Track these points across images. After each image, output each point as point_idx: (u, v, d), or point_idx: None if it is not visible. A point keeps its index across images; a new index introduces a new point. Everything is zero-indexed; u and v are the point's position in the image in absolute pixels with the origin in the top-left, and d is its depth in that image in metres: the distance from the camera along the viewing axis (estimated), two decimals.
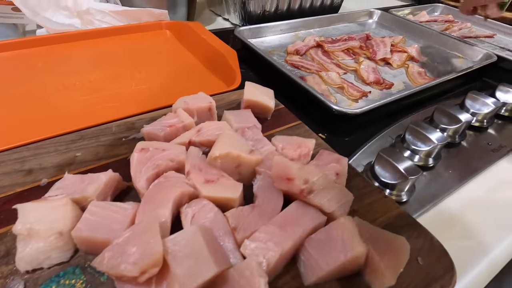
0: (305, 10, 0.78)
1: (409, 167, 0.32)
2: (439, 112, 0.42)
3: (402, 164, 0.32)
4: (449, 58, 0.69)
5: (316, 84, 0.52)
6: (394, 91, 0.54)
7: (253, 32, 0.67)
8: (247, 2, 0.66)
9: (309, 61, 0.60)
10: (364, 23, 0.84)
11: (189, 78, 0.52)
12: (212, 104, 0.36)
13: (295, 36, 0.71)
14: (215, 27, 0.75)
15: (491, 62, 0.62)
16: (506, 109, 0.49)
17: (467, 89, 0.57)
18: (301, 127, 0.40)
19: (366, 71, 0.56)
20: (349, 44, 0.66)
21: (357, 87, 0.52)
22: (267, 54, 0.60)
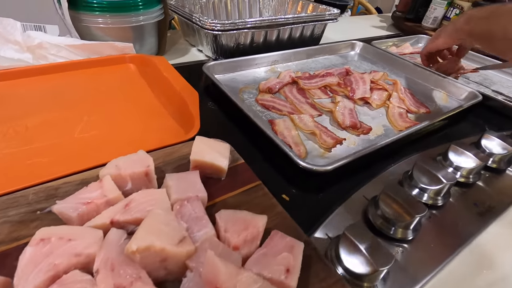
0: (283, 42, 0.74)
1: (381, 253, 0.26)
2: (419, 170, 0.37)
3: (373, 252, 0.27)
4: (432, 95, 0.65)
5: (286, 129, 0.47)
6: (372, 136, 0.49)
7: (225, 67, 0.62)
8: (218, 36, 0.62)
9: (282, 100, 0.55)
10: (346, 55, 0.81)
11: (145, 122, 0.46)
12: (150, 168, 0.30)
13: (271, 71, 0.67)
14: (189, 59, 0.71)
15: (476, 102, 0.59)
16: (493, 161, 0.44)
17: (451, 133, 0.53)
18: (260, 190, 0.34)
19: (342, 113, 0.52)
20: (326, 81, 0.62)
21: (331, 133, 0.47)
22: (238, 92, 0.56)
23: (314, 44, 0.82)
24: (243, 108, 0.47)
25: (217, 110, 0.53)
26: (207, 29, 0.60)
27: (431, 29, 1.01)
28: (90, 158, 0.34)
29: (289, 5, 0.92)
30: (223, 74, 0.62)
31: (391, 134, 0.50)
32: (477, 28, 0.53)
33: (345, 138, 0.47)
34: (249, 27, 0.63)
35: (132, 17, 0.60)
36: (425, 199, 0.37)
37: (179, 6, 0.69)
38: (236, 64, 0.64)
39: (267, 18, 0.65)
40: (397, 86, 0.61)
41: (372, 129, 0.50)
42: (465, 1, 0.92)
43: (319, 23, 0.75)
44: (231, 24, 0.60)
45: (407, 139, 0.47)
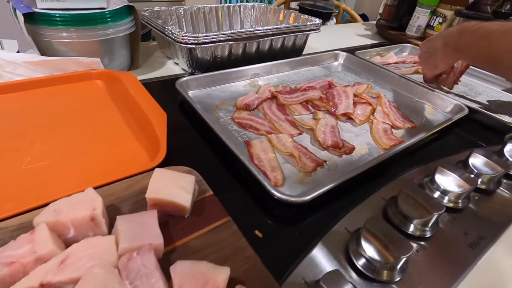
0: (264, 54, 0.71)
1: None
2: (404, 199, 0.34)
3: None
4: (418, 107, 0.63)
5: (262, 151, 0.44)
6: (355, 156, 0.46)
7: (200, 82, 0.59)
8: (192, 49, 0.58)
9: (260, 118, 0.52)
10: (329, 66, 0.78)
11: (107, 148, 0.42)
12: (96, 212, 0.26)
13: (250, 85, 0.64)
14: (164, 73, 0.67)
15: (463, 115, 0.56)
16: (482, 181, 0.42)
17: (437, 150, 0.50)
18: (228, 228, 0.30)
19: (323, 132, 0.48)
20: (308, 95, 0.59)
21: (311, 154, 0.44)
22: (213, 109, 0.52)
23: (297, 54, 0.80)
24: (216, 129, 0.43)
25: (190, 130, 0.49)
26: (180, 43, 0.57)
27: (415, 38, 1.00)
28: (35, 195, 0.30)
29: (271, 14, 0.90)
30: (199, 90, 0.59)
31: (376, 153, 0.47)
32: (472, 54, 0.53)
33: (326, 160, 0.43)
34: (225, 40, 0.60)
35: (99, 31, 0.56)
36: (411, 230, 0.34)
37: (153, 17, 0.65)
38: (212, 78, 0.60)
39: (245, 30, 0.61)
40: (381, 100, 0.58)
41: (355, 149, 0.47)
42: (448, 10, 0.91)
43: (300, 34, 0.73)
44: (205, 37, 0.57)
45: (391, 159, 0.44)
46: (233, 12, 0.87)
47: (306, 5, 1.57)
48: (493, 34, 0.48)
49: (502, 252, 0.34)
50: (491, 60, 0.50)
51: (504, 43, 0.47)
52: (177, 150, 0.43)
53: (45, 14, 0.51)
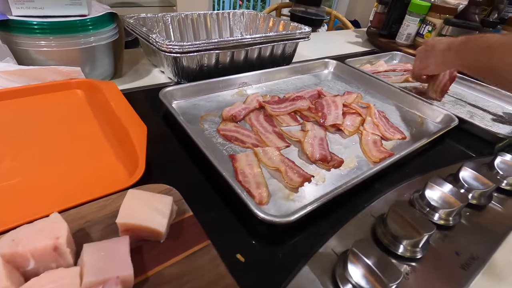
0: (252, 62, 0.70)
1: None
2: (393, 219, 0.33)
3: None
4: (408, 117, 0.62)
5: (248, 165, 0.42)
6: (344, 170, 0.45)
7: (186, 92, 0.57)
8: (178, 58, 0.57)
9: (246, 130, 0.50)
10: (319, 74, 0.77)
11: (83, 164, 0.40)
12: (59, 242, 0.24)
13: (238, 94, 0.62)
14: (149, 82, 0.65)
15: (453, 126, 0.56)
16: (473, 196, 0.41)
17: (428, 162, 0.49)
18: (207, 253, 0.28)
19: (311, 144, 0.47)
20: (296, 106, 0.57)
21: (298, 168, 0.42)
22: (198, 120, 0.51)
23: (287, 62, 0.78)
24: (199, 143, 0.41)
25: (173, 142, 0.47)
26: (165, 52, 0.55)
27: (405, 46, 1.00)
28: (3, 219, 0.28)
29: (260, 21, 0.88)
30: (185, 100, 0.57)
31: (365, 166, 0.46)
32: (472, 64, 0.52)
33: (313, 175, 0.42)
34: (212, 49, 0.58)
35: (80, 39, 0.54)
36: (401, 251, 0.32)
37: (138, 24, 0.63)
38: (199, 88, 0.58)
39: (232, 39, 0.60)
40: (371, 111, 0.57)
41: (344, 162, 0.46)
42: (436, 18, 0.91)
43: (290, 42, 0.72)
44: (191, 46, 0.55)
45: (381, 173, 0.43)
46: (222, 19, 0.86)
47: (298, 12, 1.57)
48: (493, 45, 0.47)
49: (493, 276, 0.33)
50: (489, 71, 0.49)
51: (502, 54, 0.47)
52: (158, 164, 0.41)
53: (21, 21, 0.49)
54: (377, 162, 0.46)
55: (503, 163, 0.45)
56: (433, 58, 0.61)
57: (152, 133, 0.45)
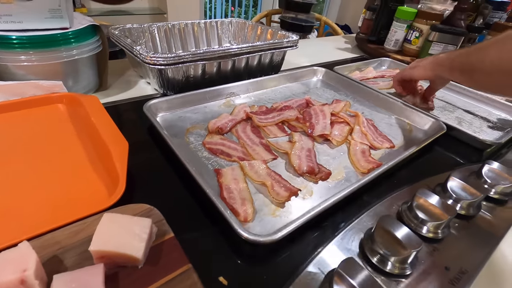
0: (240, 72, 0.69)
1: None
2: (380, 235, 0.32)
3: None
4: (396, 124, 0.62)
5: (233, 180, 0.41)
6: (331, 183, 0.44)
7: (172, 104, 0.56)
8: (163, 70, 0.56)
9: (232, 142, 0.49)
10: (308, 83, 0.77)
11: (60, 183, 0.38)
12: (27, 274, 0.22)
13: (226, 105, 0.61)
14: (136, 94, 0.64)
15: (441, 134, 0.56)
16: (461, 207, 0.40)
17: (416, 171, 0.49)
18: (188, 278, 0.27)
19: (299, 156, 0.46)
20: (284, 116, 0.57)
21: (285, 182, 0.42)
22: (184, 134, 0.50)
23: (275, 71, 0.78)
24: (183, 158, 0.40)
25: (158, 157, 0.46)
26: (149, 64, 0.54)
27: (394, 52, 1.01)
28: None
29: (249, 30, 0.88)
30: (171, 112, 0.56)
31: (353, 177, 0.45)
32: (456, 62, 0.53)
33: (300, 189, 0.41)
34: (197, 60, 0.57)
35: (62, 52, 0.53)
36: (389, 268, 0.31)
37: (122, 36, 0.62)
38: (184, 99, 0.57)
39: (217, 49, 0.59)
40: (359, 119, 0.57)
41: (331, 174, 0.45)
42: (423, 24, 0.92)
43: (277, 51, 0.71)
44: (175, 57, 0.54)
45: (369, 184, 0.42)
46: (210, 28, 0.86)
47: (287, 19, 1.58)
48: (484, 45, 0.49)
49: None
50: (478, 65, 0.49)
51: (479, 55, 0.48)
52: (141, 180, 0.40)
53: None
54: (365, 172, 0.46)
55: (491, 171, 0.45)
56: (425, 61, 0.61)
57: (136, 148, 0.44)
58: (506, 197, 0.44)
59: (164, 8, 2.24)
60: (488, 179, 0.44)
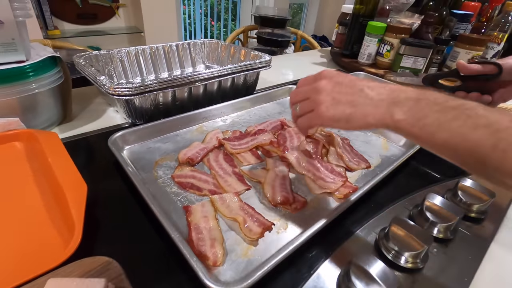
0: (212, 95, 0.68)
1: None
2: (355, 274, 0.30)
3: None
4: (372, 141, 0.61)
5: (203, 218, 0.39)
6: (307, 212, 0.42)
7: (140, 135, 0.53)
8: (129, 100, 0.53)
9: (204, 174, 0.47)
10: (283, 102, 0.76)
11: (11, 236, 0.35)
12: None
13: (198, 131, 0.59)
14: (103, 124, 0.61)
15: (415, 151, 0.55)
16: (438, 230, 0.39)
17: (393, 190, 0.48)
18: None
19: (272, 186, 0.44)
20: (258, 140, 0.55)
21: (259, 215, 0.40)
22: (152, 167, 0.47)
23: (250, 91, 0.77)
24: (148, 199, 0.38)
25: (125, 197, 0.43)
26: (113, 95, 0.51)
27: (367, 65, 1.02)
28: None
29: (222, 50, 0.88)
30: (139, 143, 0.53)
31: (329, 204, 0.44)
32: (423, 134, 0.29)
33: (274, 223, 0.39)
34: (165, 87, 0.56)
35: (19, 87, 0.49)
36: None
37: (86, 65, 0.60)
38: (154, 129, 0.55)
39: (186, 75, 0.58)
40: (334, 141, 0.56)
41: (307, 202, 0.43)
42: (393, 38, 0.94)
43: (250, 72, 0.70)
44: (141, 87, 0.52)
45: (346, 212, 0.41)
46: (183, 50, 0.84)
47: (264, 34, 1.59)
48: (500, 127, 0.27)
49: None
50: None
51: None
52: (104, 225, 0.38)
53: None
54: (342, 198, 0.44)
55: (465, 190, 0.45)
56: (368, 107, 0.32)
57: (101, 186, 0.42)
58: (482, 215, 0.44)
59: (141, 27, 2.22)
60: (464, 198, 0.44)
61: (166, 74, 0.82)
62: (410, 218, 0.42)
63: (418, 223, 0.40)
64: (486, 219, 0.44)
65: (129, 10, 2.26)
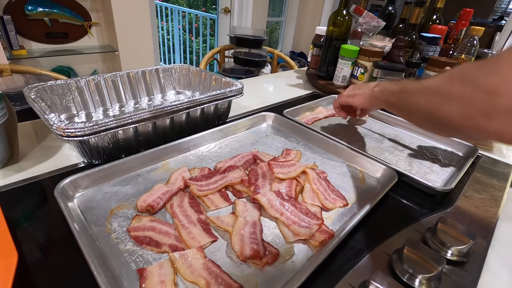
0: (181, 127, 0.64)
1: None
2: None
3: None
4: (349, 173, 0.59)
5: (160, 283, 0.34)
6: (279, 265, 0.38)
7: (95, 178, 0.48)
8: (83, 141, 0.48)
9: (165, 224, 0.42)
10: (258, 130, 0.73)
11: None
12: None
13: (163, 169, 0.54)
14: (56, 164, 0.54)
15: (392, 184, 0.53)
16: (420, 282, 0.36)
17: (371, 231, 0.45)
18: None
19: (241, 236, 0.40)
20: (228, 179, 0.51)
21: (224, 276, 0.35)
22: (107, 217, 0.41)
23: (222, 120, 0.74)
24: (92, 264, 0.32)
25: (71, 259, 0.37)
26: (62, 136, 0.46)
27: (342, 87, 1.02)
28: None
29: (193, 75, 0.84)
30: (95, 187, 0.48)
31: (304, 254, 0.40)
32: (391, 99, 0.52)
33: (241, 285, 0.34)
34: (124, 124, 0.51)
35: None
36: None
37: (37, 99, 0.54)
38: (111, 171, 0.50)
39: (149, 110, 0.53)
40: (309, 177, 0.53)
41: (279, 254, 0.39)
42: (366, 61, 0.94)
43: (221, 102, 0.67)
44: (95, 126, 0.47)
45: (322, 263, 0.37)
46: (150, 76, 0.80)
47: (240, 54, 1.58)
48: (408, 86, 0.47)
49: None
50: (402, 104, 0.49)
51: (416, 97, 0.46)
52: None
53: None
54: (318, 246, 0.41)
55: (445, 231, 0.42)
56: (363, 91, 0.63)
57: (45, 246, 0.36)
58: (464, 258, 0.41)
59: (115, 45, 2.16)
60: (444, 240, 0.41)
61: (132, 103, 0.77)
62: (390, 267, 0.39)
63: (399, 272, 0.37)
64: (468, 262, 0.41)
65: (103, 28, 2.20)
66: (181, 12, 3.61)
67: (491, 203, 0.55)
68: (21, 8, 1.82)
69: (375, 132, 0.79)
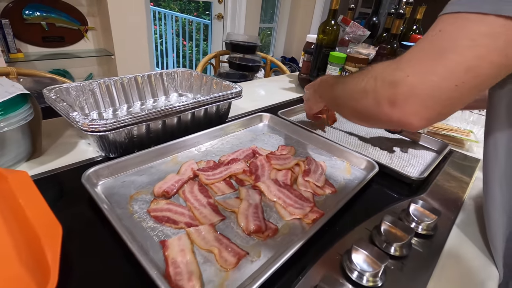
0: (187, 125, 0.70)
1: None
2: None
3: None
4: (337, 166, 0.67)
5: (180, 251, 0.40)
6: (278, 238, 0.45)
7: (114, 169, 0.54)
8: (103, 135, 0.54)
9: (179, 206, 0.49)
10: (255, 129, 0.81)
11: None
12: None
13: (173, 162, 0.61)
14: (75, 158, 0.60)
15: (374, 174, 0.61)
16: (394, 249, 0.44)
17: (357, 212, 0.52)
18: None
19: (246, 216, 0.47)
20: (231, 170, 0.58)
21: (233, 245, 0.42)
22: (127, 202, 0.48)
23: (223, 120, 0.81)
24: (124, 236, 0.39)
25: (101, 234, 0.43)
26: (87, 131, 0.52)
27: None
28: None
29: (194, 79, 0.91)
30: (114, 177, 0.54)
31: (299, 229, 0.48)
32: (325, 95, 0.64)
33: (248, 252, 0.42)
34: (139, 122, 0.57)
35: None
36: None
37: (58, 99, 0.60)
38: (128, 162, 0.56)
39: (160, 109, 0.60)
40: (301, 168, 0.60)
41: (278, 230, 0.46)
42: (353, 67, 1.03)
43: (223, 103, 0.74)
44: (115, 123, 0.54)
45: (314, 236, 0.44)
46: (155, 80, 0.86)
47: (235, 59, 1.66)
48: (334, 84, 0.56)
49: None
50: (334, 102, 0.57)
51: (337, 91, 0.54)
52: (82, 265, 0.38)
53: None
54: (310, 223, 0.48)
55: (416, 210, 0.50)
56: (311, 101, 0.73)
57: (76, 226, 0.42)
58: (432, 232, 0.50)
59: (111, 49, 2.21)
60: (415, 217, 0.49)
61: (139, 104, 0.83)
62: (371, 240, 0.47)
63: (378, 243, 0.45)
64: (435, 236, 0.50)
65: (99, 32, 2.25)
66: (174, 17, 3.68)
67: (458, 190, 0.64)
68: (19, 12, 1.85)
69: (361, 130, 0.87)
